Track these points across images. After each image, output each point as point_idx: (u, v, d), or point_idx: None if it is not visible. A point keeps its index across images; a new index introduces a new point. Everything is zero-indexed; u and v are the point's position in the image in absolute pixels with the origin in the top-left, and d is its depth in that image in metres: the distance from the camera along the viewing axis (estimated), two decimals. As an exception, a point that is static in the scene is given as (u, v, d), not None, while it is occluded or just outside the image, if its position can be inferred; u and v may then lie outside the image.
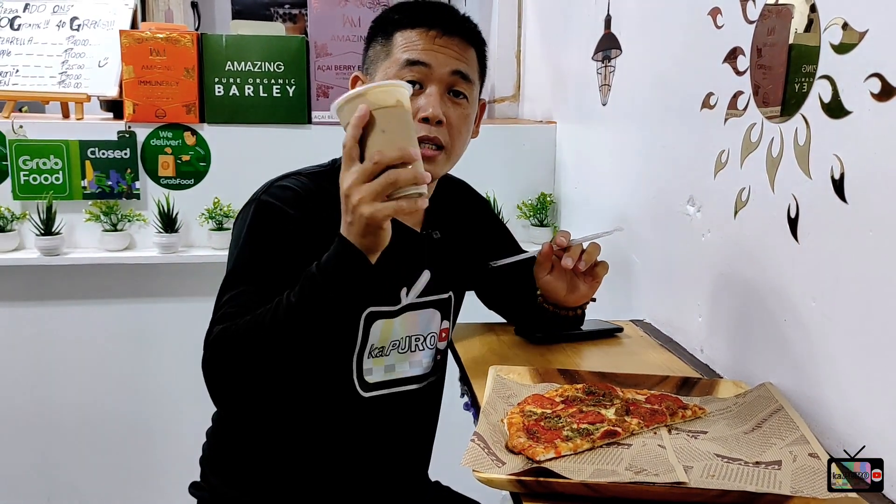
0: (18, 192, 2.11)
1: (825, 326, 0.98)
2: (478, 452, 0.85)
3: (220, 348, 1.00)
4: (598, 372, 1.15)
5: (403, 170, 0.90)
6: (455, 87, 1.14)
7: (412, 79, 1.12)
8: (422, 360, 1.26)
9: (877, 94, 0.86)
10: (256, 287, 1.05)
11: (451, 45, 1.14)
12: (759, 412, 0.98)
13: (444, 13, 1.16)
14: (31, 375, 2.23)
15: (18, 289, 2.18)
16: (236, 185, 2.16)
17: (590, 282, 1.28)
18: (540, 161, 2.34)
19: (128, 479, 2.32)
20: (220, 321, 1.02)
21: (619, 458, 0.87)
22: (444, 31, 1.13)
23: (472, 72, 1.16)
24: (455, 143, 1.16)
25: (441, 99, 1.13)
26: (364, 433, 1.23)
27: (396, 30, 1.15)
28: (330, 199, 1.13)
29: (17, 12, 2.32)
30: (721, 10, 1.24)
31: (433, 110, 1.11)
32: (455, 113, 1.14)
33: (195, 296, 2.22)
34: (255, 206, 1.12)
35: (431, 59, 1.12)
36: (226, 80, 2.18)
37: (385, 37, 1.16)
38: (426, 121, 1.11)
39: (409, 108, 0.94)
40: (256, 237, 1.10)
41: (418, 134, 1.10)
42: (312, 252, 1.04)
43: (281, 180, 1.16)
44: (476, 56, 1.18)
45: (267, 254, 1.08)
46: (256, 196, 1.14)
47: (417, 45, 1.12)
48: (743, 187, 1.17)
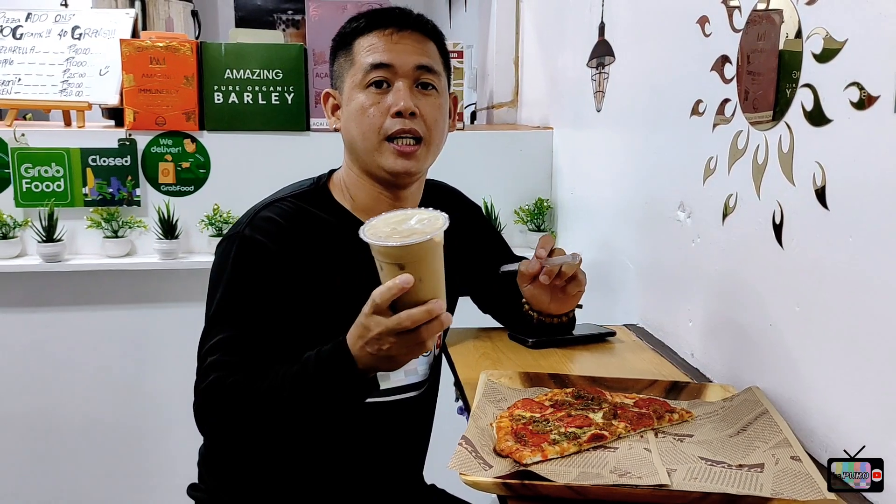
0: (21, 199, 2.14)
1: (808, 331, 0.99)
2: (465, 456, 0.87)
3: (214, 403, 1.04)
4: (588, 376, 1.16)
5: (436, 323, 0.91)
6: (421, 79, 1.16)
7: (378, 78, 1.14)
8: (417, 368, 1.28)
9: (855, 103, 0.87)
10: (241, 331, 1.07)
11: (409, 40, 1.16)
12: (744, 416, 1.00)
13: (398, 13, 1.19)
14: (33, 380, 2.25)
15: (21, 295, 2.20)
16: (236, 192, 2.21)
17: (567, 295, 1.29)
18: (537, 166, 2.36)
19: (128, 482, 2.34)
20: (211, 369, 1.05)
21: (604, 461, 0.89)
22: (400, 28, 1.16)
23: (436, 63, 1.19)
24: (433, 133, 1.17)
25: (410, 92, 1.15)
26: (360, 439, 1.24)
27: (355, 38, 1.18)
28: (313, 222, 1.16)
29: (19, 21, 2.35)
30: (709, 18, 1.25)
31: (404, 103, 1.13)
32: (426, 103, 1.16)
33: (195, 301, 2.21)
34: (237, 243, 1.13)
35: (393, 59, 1.14)
36: (225, 87, 2.20)
37: (346, 48, 1.19)
38: (399, 115, 1.13)
39: (441, 242, 0.91)
40: (239, 278, 1.11)
41: (394, 129, 1.13)
42: (296, 284, 1.09)
43: (263, 210, 1.16)
44: (437, 49, 1.20)
45: (250, 295, 1.09)
46: (238, 230, 1.14)
47: (378, 47, 1.15)
48: (730, 194, 1.19)
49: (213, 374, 1.04)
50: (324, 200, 1.21)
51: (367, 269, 1.00)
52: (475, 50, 3.20)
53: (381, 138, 1.15)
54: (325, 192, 1.22)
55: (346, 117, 1.19)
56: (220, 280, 1.13)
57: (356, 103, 1.16)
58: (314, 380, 0.99)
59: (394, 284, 0.88)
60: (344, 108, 1.19)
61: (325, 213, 1.19)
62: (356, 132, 1.16)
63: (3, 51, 2.30)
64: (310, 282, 1.12)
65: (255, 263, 1.11)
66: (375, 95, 1.15)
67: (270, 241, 1.11)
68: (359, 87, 1.16)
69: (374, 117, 1.14)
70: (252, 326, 1.07)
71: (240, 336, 1.07)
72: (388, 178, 1.17)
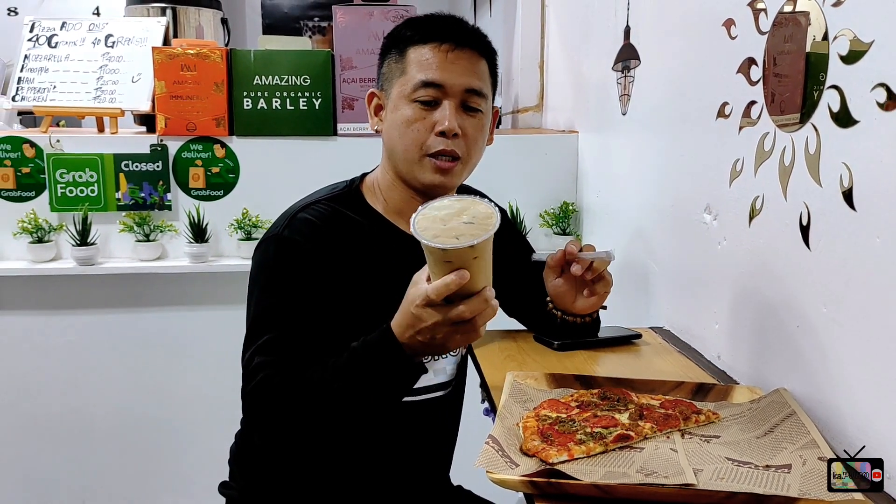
0: (56, 204, 2.19)
1: (836, 332, 0.99)
2: (492, 454, 0.88)
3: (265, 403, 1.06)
4: (613, 377, 1.17)
5: (489, 310, 0.94)
6: (469, 102, 1.17)
7: (427, 98, 1.15)
8: (445, 367, 1.29)
9: (882, 104, 0.87)
10: (285, 331, 1.08)
11: (463, 60, 1.16)
12: (771, 417, 1.00)
13: (455, 27, 1.18)
14: (67, 381, 2.30)
15: (55, 297, 2.25)
16: (264, 196, 2.24)
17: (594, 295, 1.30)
18: (562, 170, 2.36)
19: (160, 481, 2.38)
20: (258, 370, 1.06)
21: (630, 460, 0.89)
22: (457, 45, 1.16)
23: (485, 85, 1.19)
24: (471, 153, 1.19)
25: (456, 112, 1.15)
26: (390, 439, 1.26)
27: (409, 46, 1.17)
28: (348, 224, 1.18)
29: (54, 31, 2.40)
30: (734, 20, 1.25)
31: (449, 124, 1.14)
32: (470, 124, 1.17)
33: (224, 304, 2.28)
34: (276, 245, 1.14)
35: (445, 79, 1.14)
36: (254, 93, 2.23)
37: (398, 53, 1.19)
38: (443, 134, 1.14)
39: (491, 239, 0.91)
40: (279, 280, 1.12)
41: (436, 148, 1.14)
42: (332, 283, 1.10)
43: (300, 212, 1.17)
44: (488, 67, 1.21)
45: (291, 295, 1.11)
46: (276, 231, 1.16)
47: (431, 64, 1.15)
48: (757, 195, 1.19)
49: (260, 374, 1.05)
50: (357, 203, 1.22)
51: (397, 268, 1.01)
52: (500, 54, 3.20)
53: (422, 154, 1.16)
54: (357, 194, 1.24)
55: (389, 124, 1.19)
56: (260, 281, 1.14)
57: (402, 114, 1.16)
58: (364, 367, 1.01)
59: (451, 281, 0.90)
60: (389, 114, 1.19)
61: (358, 215, 1.21)
62: (398, 143, 1.17)
63: (38, 59, 2.36)
64: (344, 281, 1.13)
65: (295, 263, 1.12)
66: (422, 111, 1.15)
67: (307, 241, 1.13)
68: (406, 98, 1.16)
69: (418, 132, 1.15)
70: (295, 326, 1.08)
71: (284, 336, 1.08)
72: (423, 189, 1.19)
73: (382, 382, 1.02)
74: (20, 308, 2.25)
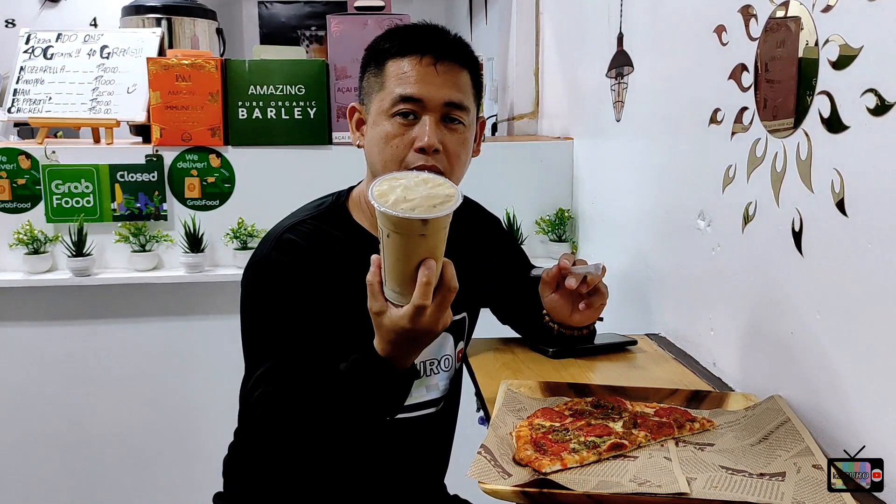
0: (51, 215, 2.18)
1: (829, 338, 0.99)
2: (484, 464, 0.87)
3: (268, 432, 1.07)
4: (608, 385, 1.16)
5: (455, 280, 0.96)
6: (450, 115, 1.14)
7: (406, 110, 1.12)
8: (437, 383, 1.28)
9: (872, 110, 0.87)
10: (281, 358, 1.08)
11: (443, 72, 1.12)
12: (766, 424, 0.99)
13: (435, 38, 1.15)
14: (63, 392, 2.29)
15: (51, 308, 2.25)
16: (260, 206, 2.24)
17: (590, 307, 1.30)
18: (558, 177, 2.36)
19: (155, 492, 2.37)
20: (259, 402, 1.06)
21: (624, 470, 0.89)
22: (436, 58, 1.12)
23: (467, 97, 1.15)
24: (454, 168, 1.15)
25: (437, 127, 1.12)
26: (382, 454, 1.25)
27: (387, 59, 1.14)
28: (333, 243, 1.17)
29: (50, 42, 2.41)
30: (726, 27, 1.25)
31: (428, 140, 1.10)
32: (451, 139, 1.14)
33: (221, 313, 2.27)
34: (263, 270, 1.14)
35: (424, 93, 1.11)
36: (249, 103, 2.23)
37: (377, 66, 1.16)
38: (422, 150, 1.11)
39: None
40: (269, 306, 1.11)
41: (416, 164, 1.11)
42: (324, 303, 1.10)
43: (285, 233, 1.16)
44: (470, 78, 1.17)
45: (282, 323, 1.10)
46: (262, 255, 1.15)
47: (410, 78, 1.12)
48: (750, 201, 1.19)
49: (260, 406, 1.06)
50: (342, 219, 1.21)
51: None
52: (496, 62, 3.22)
53: (401, 170, 1.13)
54: (343, 210, 1.22)
55: (369, 139, 1.17)
56: (251, 308, 1.14)
57: (381, 130, 1.13)
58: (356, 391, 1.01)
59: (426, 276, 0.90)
60: (369, 129, 1.17)
61: (343, 232, 1.19)
62: (377, 159, 1.14)
63: (34, 70, 2.36)
64: (332, 300, 1.12)
65: (283, 288, 1.11)
66: (401, 126, 1.12)
67: (293, 262, 1.12)
68: (385, 114, 1.13)
69: (396, 148, 1.12)
70: (290, 351, 1.08)
71: (281, 364, 1.07)
72: None
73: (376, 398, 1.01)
74: (16, 319, 2.25)
